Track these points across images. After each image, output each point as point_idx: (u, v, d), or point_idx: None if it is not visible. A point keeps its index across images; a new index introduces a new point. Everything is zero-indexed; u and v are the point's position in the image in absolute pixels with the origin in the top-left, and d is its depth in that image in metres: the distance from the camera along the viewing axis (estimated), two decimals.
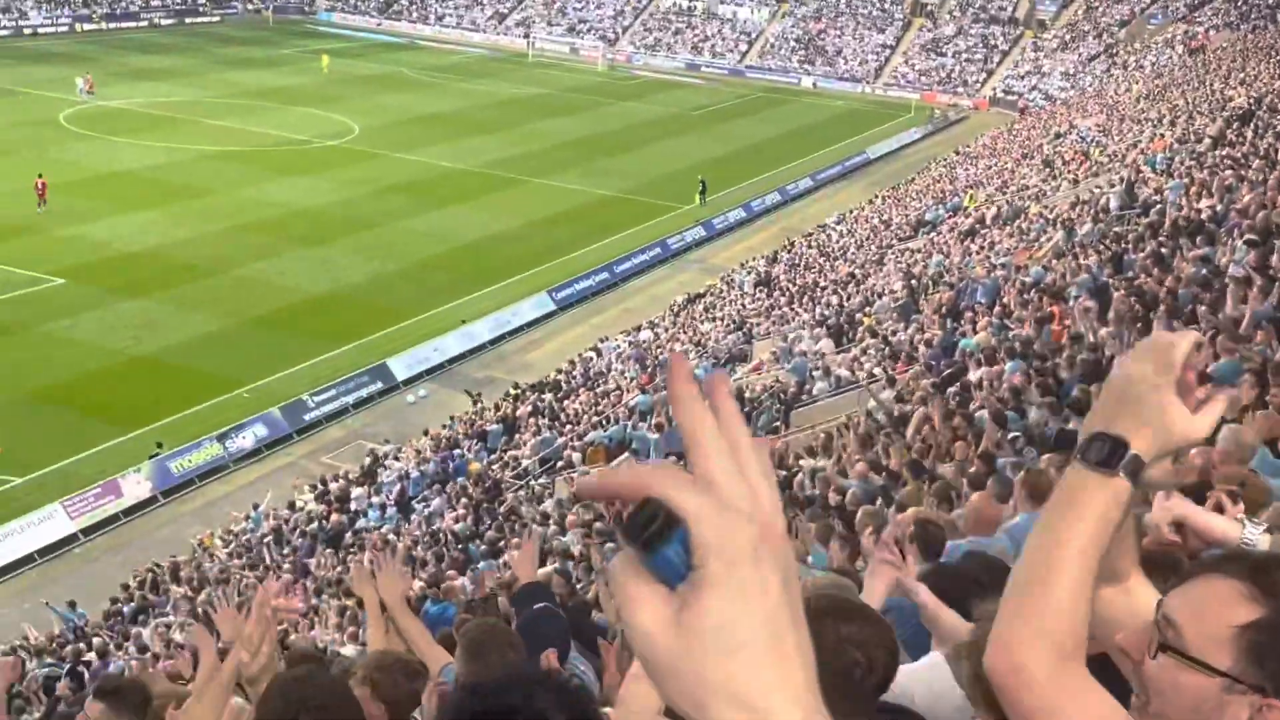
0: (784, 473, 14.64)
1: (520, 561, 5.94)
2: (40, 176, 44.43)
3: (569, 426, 27.52)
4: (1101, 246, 22.10)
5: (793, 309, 33.47)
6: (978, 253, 30.53)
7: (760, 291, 37.79)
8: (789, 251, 43.34)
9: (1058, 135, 50.30)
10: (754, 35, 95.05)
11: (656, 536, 0.95)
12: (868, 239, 42.09)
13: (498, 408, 30.47)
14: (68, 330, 34.18)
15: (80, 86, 62.95)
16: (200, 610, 18.89)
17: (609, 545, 14.15)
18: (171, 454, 28.03)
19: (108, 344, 33.62)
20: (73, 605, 22.02)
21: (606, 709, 4.19)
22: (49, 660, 18.17)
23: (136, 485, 27.05)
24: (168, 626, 18.62)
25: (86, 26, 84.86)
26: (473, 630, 4.41)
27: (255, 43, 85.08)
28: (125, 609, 21.31)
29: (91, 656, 17.48)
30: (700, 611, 0.93)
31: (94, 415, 29.66)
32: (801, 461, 15.15)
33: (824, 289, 34.60)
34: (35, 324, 34.34)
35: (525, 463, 25.86)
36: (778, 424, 22.07)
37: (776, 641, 0.94)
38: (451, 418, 30.60)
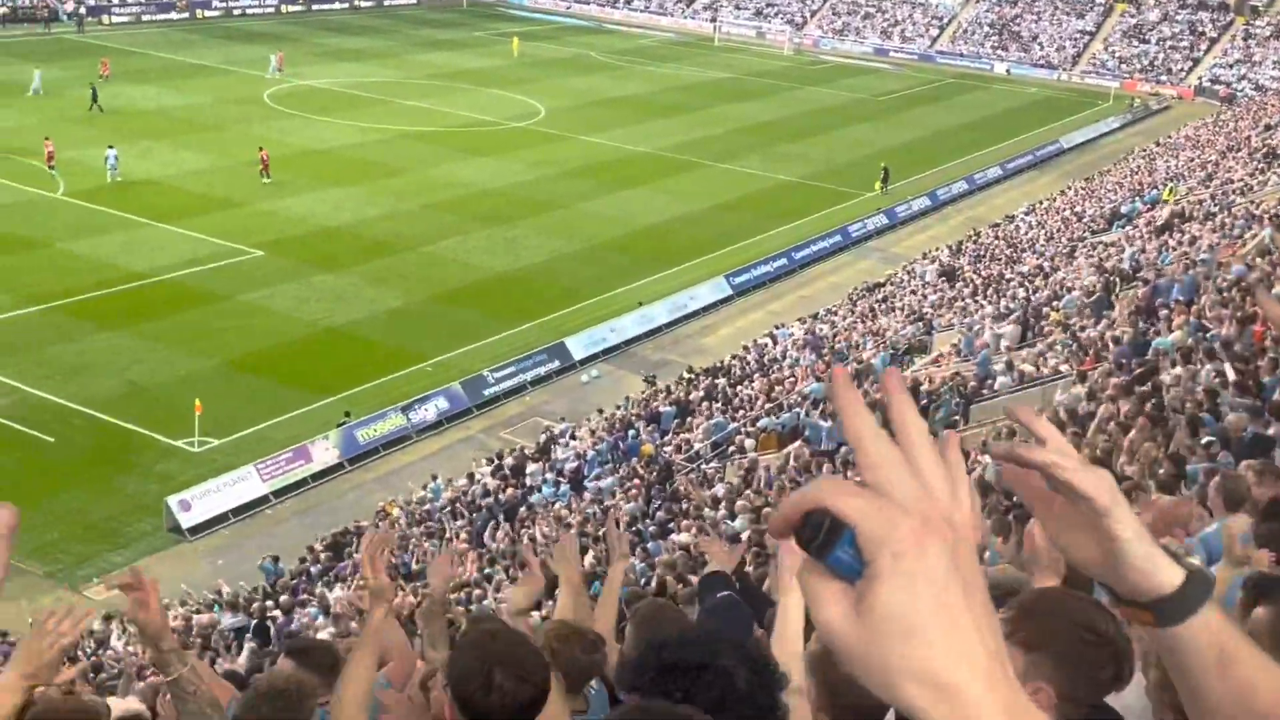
0: None
1: (717, 554, 6.02)
2: (261, 149, 46.70)
3: (741, 412, 27.48)
4: None
5: (976, 301, 32.67)
6: (1175, 248, 29.24)
7: (943, 282, 37.00)
8: (974, 242, 42.31)
9: (1268, 127, 47.74)
10: (946, 20, 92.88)
11: (825, 542, 1.04)
12: (1058, 231, 40.78)
13: (671, 390, 30.62)
14: (265, 300, 35.74)
15: (272, 64, 65.60)
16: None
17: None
18: (358, 423, 29.05)
19: (302, 315, 35.04)
20: (275, 560, 23.11)
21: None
22: (240, 615, 19.08)
23: (325, 451, 28.13)
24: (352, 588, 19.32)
25: (291, 8, 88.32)
26: (644, 608, 4.46)
27: (449, 25, 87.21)
28: (312, 569, 22.21)
29: (277, 613, 18.28)
30: (875, 603, 1.01)
31: (287, 383, 30.96)
32: (982, 457, 14.78)
33: (1010, 281, 33.68)
34: (236, 294, 36.02)
35: (697, 446, 25.94)
36: (956, 418, 21.60)
37: (951, 622, 1.01)
38: (626, 398, 30.90)
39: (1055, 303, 28.24)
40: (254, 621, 18.00)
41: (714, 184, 51.09)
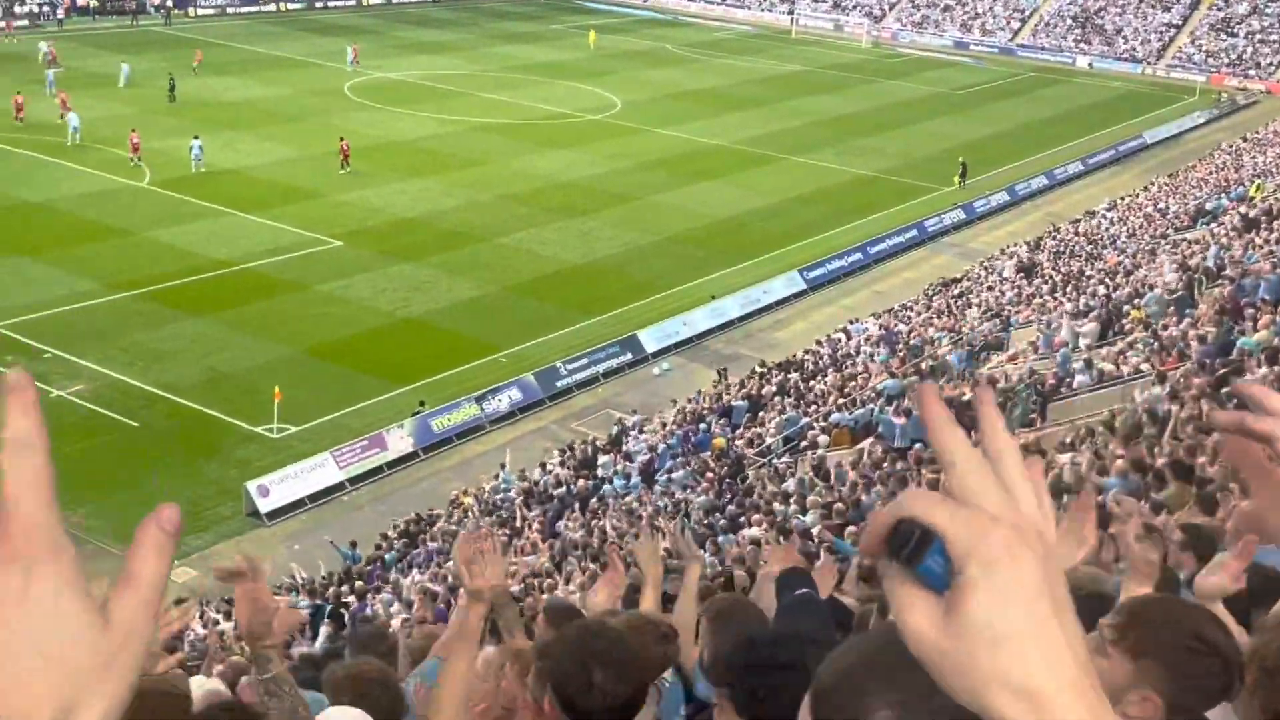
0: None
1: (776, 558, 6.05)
2: (342, 140, 47.42)
3: (814, 407, 27.37)
4: None
5: (1055, 298, 32.21)
6: (1262, 246, 28.59)
7: (1021, 278, 36.52)
8: (1054, 238, 41.70)
9: None
10: (1028, 13, 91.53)
11: (915, 552, 1.05)
12: (1140, 228, 40.07)
13: (743, 384, 30.57)
14: (343, 290, 36.24)
15: (349, 57, 66.37)
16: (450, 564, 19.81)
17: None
18: (432, 412, 29.37)
19: (378, 305, 35.49)
20: (353, 545, 23.48)
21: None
22: (316, 600, 19.39)
23: (400, 440, 28.48)
24: (430, 575, 19.57)
25: (371, 1, 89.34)
26: (720, 603, 4.49)
27: (527, 18, 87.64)
28: (386, 556, 22.51)
29: (352, 598, 18.56)
30: (965, 611, 1.02)
31: (364, 371, 31.38)
32: (1060, 457, 14.60)
33: (1090, 278, 33.17)
34: (314, 283, 36.56)
35: (769, 440, 25.88)
36: (1034, 416, 21.34)
37: (1041, 631, 1.01)
38: (698, 392, 30.90)
39: (1136, 300, 27.75)
40: (329, 606, 18.29)
41: (789, 177, 50.86)
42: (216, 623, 17.61)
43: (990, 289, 36.25)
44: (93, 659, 0.92)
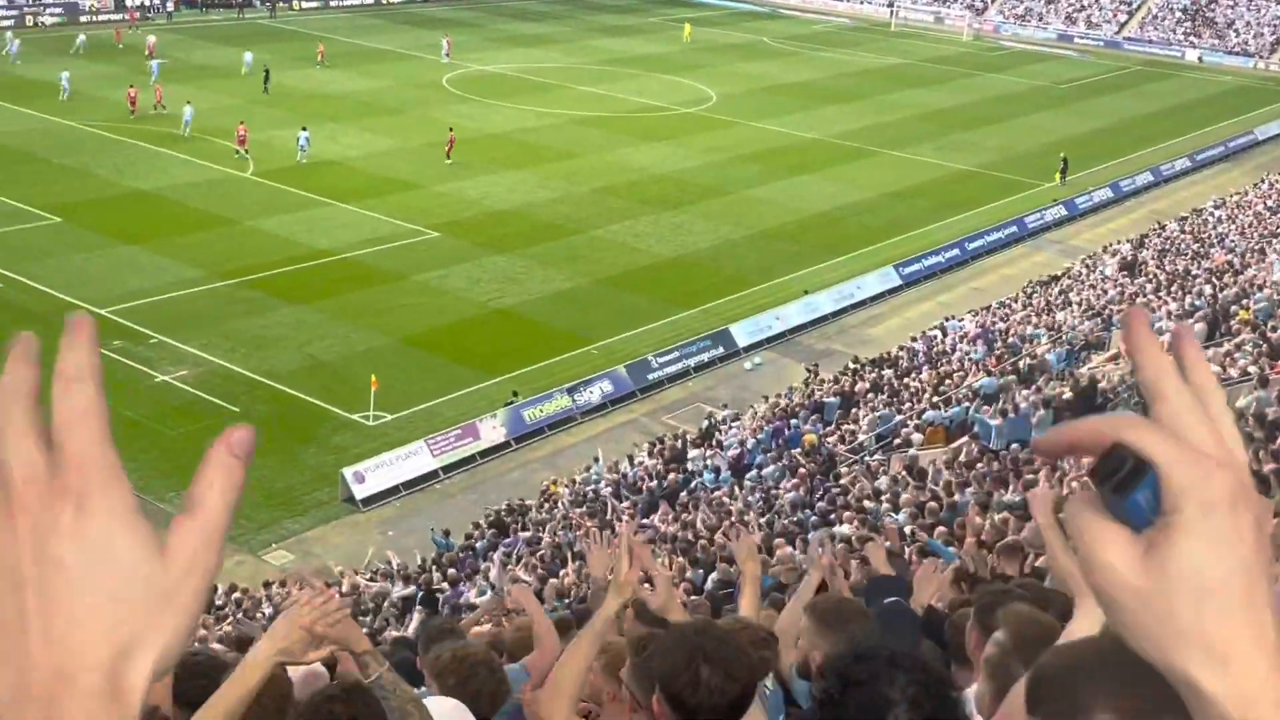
0: None
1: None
2: (450, 130, 48.27)
3: (908, 404, 27.06)
4: None
5: (1159, 297, 31.45)
6: None
7: (1124, 276, 35.73)
8: (1159, 235, 40.70)
9: None
10: (1135, 5, 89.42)
11: (1127, 481, 0.95)
12: (1250, 226, 38.97)
13: (836, 380, 30.34)
14: (439, 280, 36.68)
15: (444, 49, 67.03)
16: (545, 553, 19.95)
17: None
18: (525, 403, 29.62)
19: (474, 295, 35.86)
20: (446, 534, 23.78)
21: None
22: (410, 585, 19.68)
23: (492, 430, 28.76)
24: (519, 562, 19.74)
25: None
26: (824, 603, 4.46)
27: (623, 10, 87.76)
28: (477, 545, 22.76)
29: (445, 585, 18.80)
30: (1172, 555, 0.93)
31: (458, 361, 31.75)
32: None
33: (1196, 277, 32.33)
34: (411, 273, 37.06)
35: (861, 438, 25.65)
36: None
37: (1250, 590, 0.93)
38: (790, 388, 30.74)
39: (1244, 301, 26.99)
40: (422, 592, 18.55)
41: (885, 172, 50.33)
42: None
43: (1092, 287, 35.52)
44: (151, 594, 0.87)
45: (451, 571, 19.87)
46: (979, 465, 19.71)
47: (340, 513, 25.94)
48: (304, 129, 46.79)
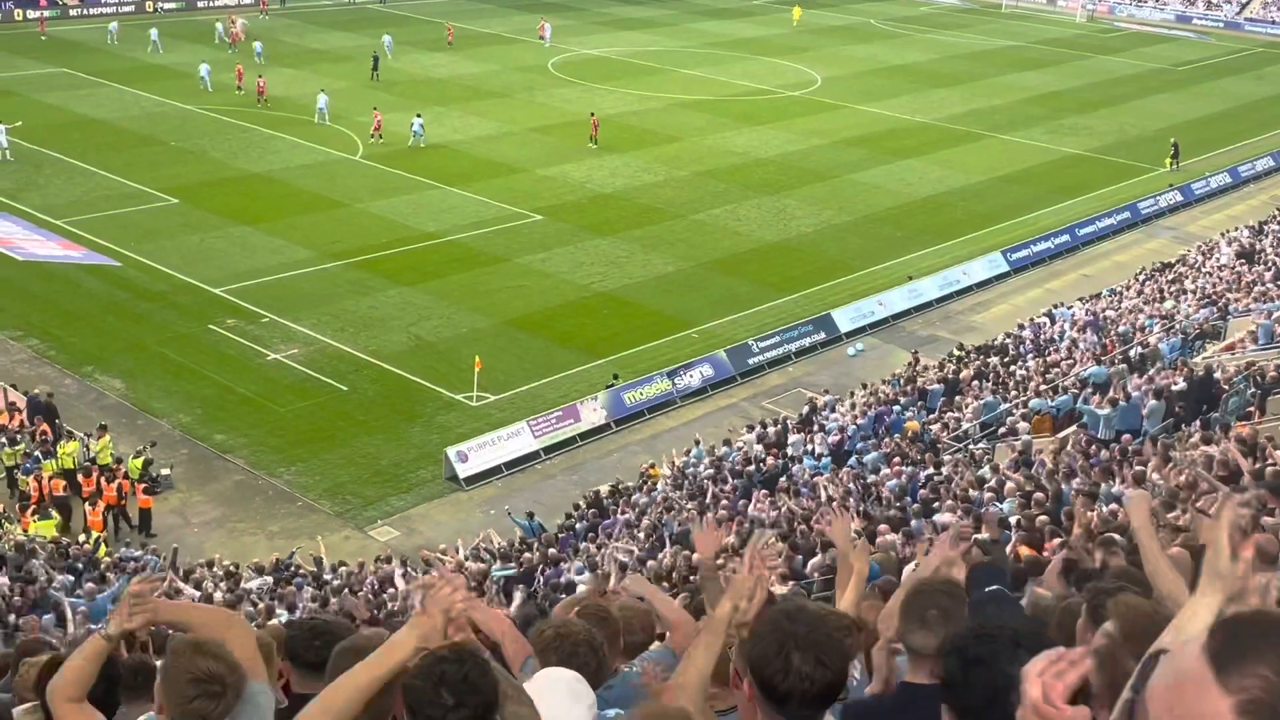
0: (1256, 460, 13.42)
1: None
2: (592, 115, 48.72)
3: (1014, 393, 26.61)
4: None
5: (1277, 285, 30.47)
6: None
7: (1241, 264, 34.66)
8: (1279, 222, 39.39)
9: None
10: None
11: None
12: None
13: (941, 367, 29.94)
14: (542, 263, 36.98)
15: (540, 33, 67.22)
16: (642, 534, 20.05)
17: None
18: (625, 385, 29.74)
19: (576, 278, 36.09)
20: (530, 516, 24.00)
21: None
22: (510, 565, 19.93)
23: (593, 412, 28.95)
24: (619, 548, 19.86)
25: None
26: (918, 586, 4.44)
27: None
28: (577, 525, 22.94)
29: (543, 565, 19.00)
30: None
31: (560, 343, 32.01)
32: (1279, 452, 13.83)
33: None
34: (515, 255, 37.42)
35: (965, 425, 25.30)
36: (1251, 410, 20.27)
37: None
38: (894, 374, 30.41)
39: None
40: (522, 570, 18.78)
41: (994, 156, 49.46)
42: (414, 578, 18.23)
43: (1208, 275, 34.53)
44: None
45: (552, 551, 20.06)
46: (1088, 455, 19.32)
47: (443, 491, 26.34)
48: (418, 115, 47.46)
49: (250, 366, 30.23)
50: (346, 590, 18.22)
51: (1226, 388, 21.92)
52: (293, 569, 21.36)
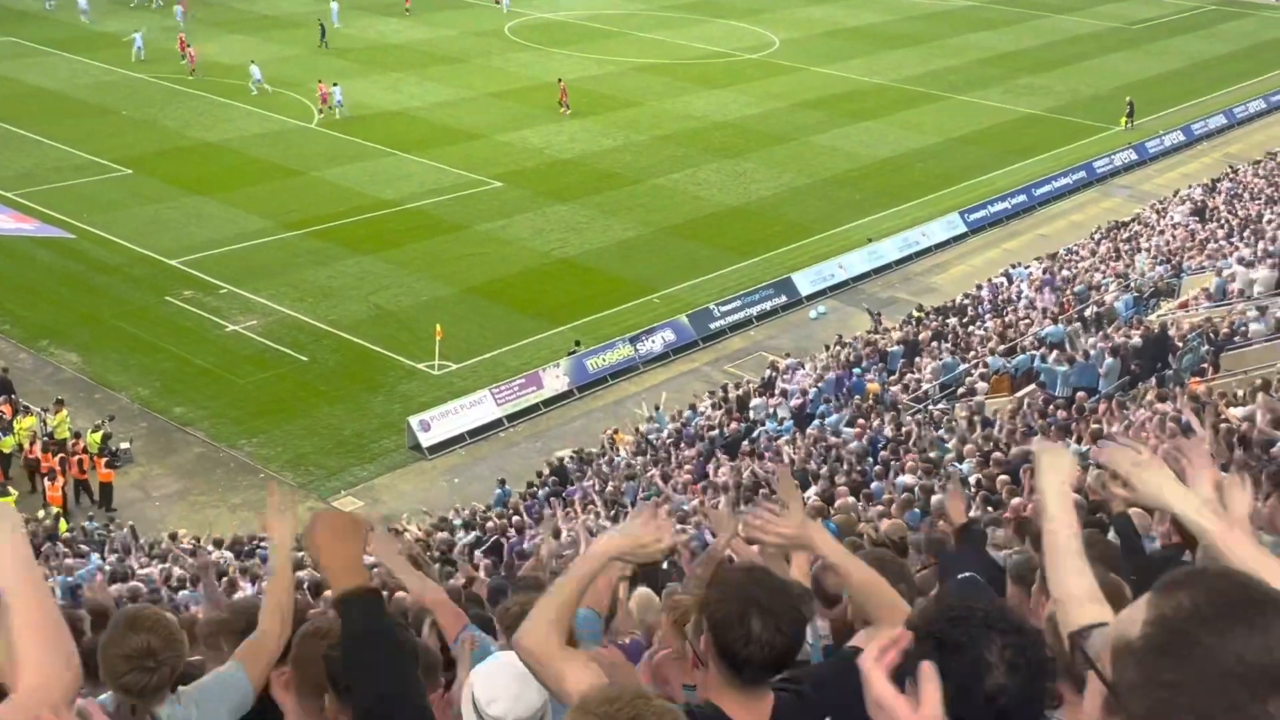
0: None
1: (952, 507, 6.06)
2: (560, 81, 48.40)
3: (973, 353, 26.85)
4: None
5: (1231, 243, 30.85)
6: None
7: (1195, 222, 35.05)
8: (1232, 180, 39.81)
9: None
10: None
11: None
12: None
13: (900, 329, 30.15)
14: (502, 230, 36.84)
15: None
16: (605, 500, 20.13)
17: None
18: (587, 352, 29.77)
19: (537, 245, 35.99)
20: (502, 483, 24.06)
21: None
22: (475, 532, 19.96)
23: (555, 379, 28.96)
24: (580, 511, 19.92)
25: None
26: (866, 557, 4.51)
27: None
28: (540, 492, 23.00)
29: (512, 532, 19.05)
30: None
31: (522, 310, 31.96)
32: (1231, 410, 14.08)
33: (1270, 222, 31.63)
34: (475, 222, 37.25)
35: (925, 386, 25.53)
36: (1205, 366, 20.59)
37: None
38: (855, 337, 30.59)
39: None
40: (489, 539, 18.83)
41: (951, 117, 49.59)
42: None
43: (1162, 233, 34.90)
44: None
45: (516, 519, 20.11)
46: (1046, 413, 19.56)
47: (407, 460, 26.33)
48: (335, 84, 46.55)
49: (208, 338, 30.01)
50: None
51: (1181, 345, 22.24)
52: (256, 541, 21.28)
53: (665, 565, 9.98)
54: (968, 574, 4.91)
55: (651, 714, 2.45)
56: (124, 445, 25.67)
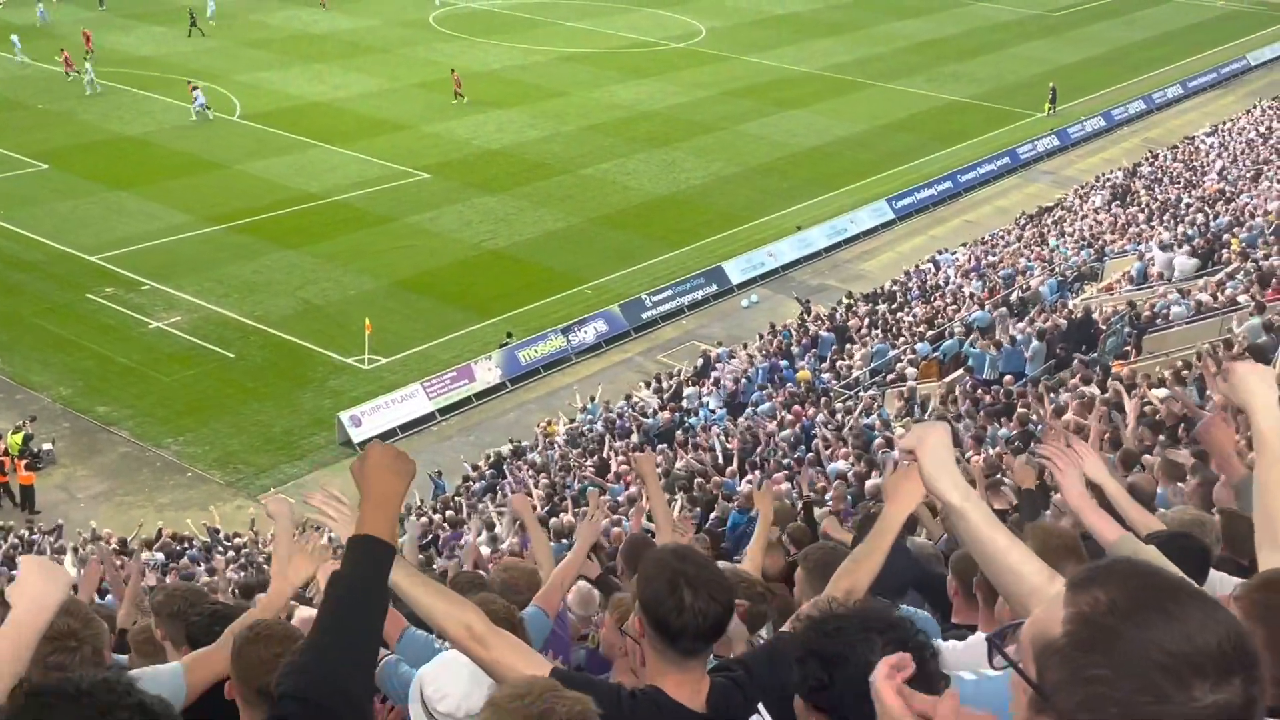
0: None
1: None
2: (453, 71, 47.86)
3: (902, 339, 27.11)
4: None
5: (1151, 226, 31.43)
6: None
7: (1116, 206, 35.66)
8: (1151, 164, 40.57)
9: None
10: None
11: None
12: (1243, 153, 38.80)
13: (831, 316, 30.37)
14: (430, 222, 36.54)
15: None
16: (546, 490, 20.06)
17: None
18: (519, 344, 29.63)
19: (465, 237, 35.74)
20: (439, 475, 23.89)
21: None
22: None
23: (487, 371, 28.81)
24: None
25: None
26: (816, 553, 4.52)
27: None
28: (475, 486, 22.87)
29: (446, 526, 18.92)
30: None
31: (452, 303, 31.73)
32: (1152, 392, 14.32)
33: (1189, 206, 32.28)
34: (402, 215, 36.90)
35: (856, 373, 25.73)
36: (1128, 349, 20.95)
37: None
38: (785, 325, 30.76)
39: (1236, 229, 26.98)
40: (425, 537, 18.65)
41: (877, 105, 50.00)
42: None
43: (1084, 218, 35.47)
44: None
45: (450, 513, 19.98)
46: (976, 397, 19.79)
47: (338, 456, 25.98)
48: (195, 88, 44.72)
49: (131, 336, 29.44)
50: (244, 560, 17.94)
51: (1104, 328, 22.60)
52: (184, 542, 20.94)
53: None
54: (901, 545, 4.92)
55: (562, 706, 2.51)
56: (46, 446, 25.12)
